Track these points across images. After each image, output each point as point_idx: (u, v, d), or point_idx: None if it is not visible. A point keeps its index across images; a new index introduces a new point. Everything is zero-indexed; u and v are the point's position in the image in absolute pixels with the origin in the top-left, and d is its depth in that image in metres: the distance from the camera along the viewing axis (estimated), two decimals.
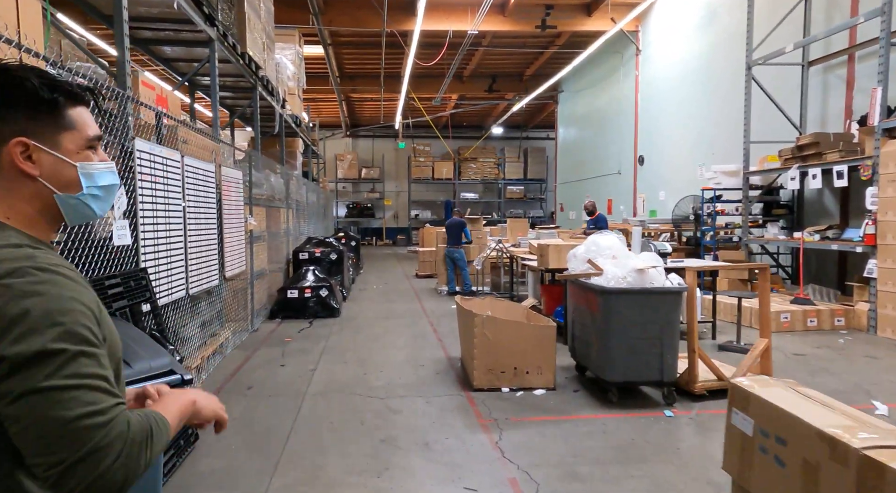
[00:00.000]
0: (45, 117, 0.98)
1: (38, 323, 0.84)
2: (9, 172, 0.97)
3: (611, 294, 4.34)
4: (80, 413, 0.82)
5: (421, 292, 10.76)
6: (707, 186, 9.37)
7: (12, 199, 0.98)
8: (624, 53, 14.84)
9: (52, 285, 0.88)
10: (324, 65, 16.30)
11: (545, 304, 6.93)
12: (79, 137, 1.02)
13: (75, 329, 0.87)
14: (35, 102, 0.96)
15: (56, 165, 0.99)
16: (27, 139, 0.96)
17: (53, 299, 0.87)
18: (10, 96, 0.95)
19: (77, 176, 1.01)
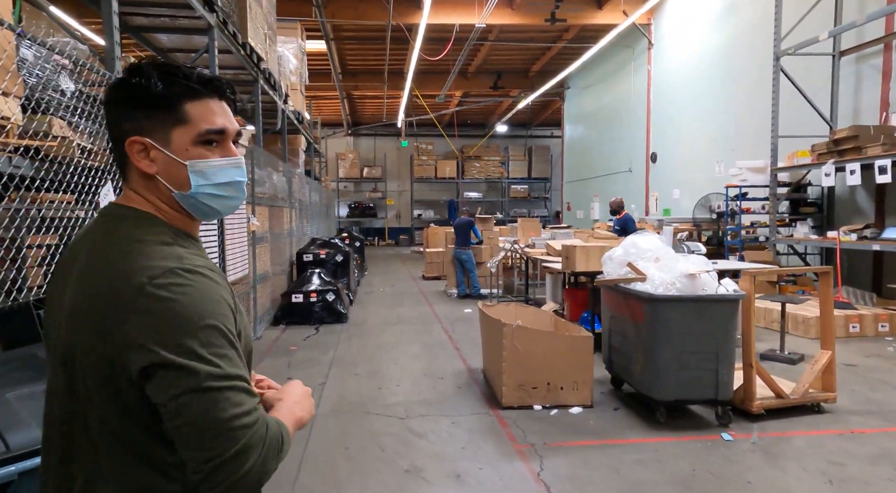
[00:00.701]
0: (161, 113, 0.95)
1: (191, 327, 0.86)
2: (136, 169, 0.97)
3: (660, 302, 3.86)
4: (232, 414, 0.85)
5: (430, 295, 10.27)
6: (732, 184, 8.89)
7: (151, 195, 0.98)
8: (635, 48, 14.35)
9: (197, 287, 0.90)
10: (326, 61, 15.79)
11: (569, 309, 6.45)
12: (191, 132, 0.96)
13: (223, 333, 0.89)
14: (150, 97, 0.93)
15: (167, 162, 0.96)
16: (142, 138, 0.95)
17: (205, 301, 0.89)
18: (128, 93, 0.94)
19: (187, 174, 0.97)
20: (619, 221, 8.43)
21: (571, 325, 5.04)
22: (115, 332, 0.87)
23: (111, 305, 0.88)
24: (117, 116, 0.97)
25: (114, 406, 0.90)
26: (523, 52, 16.67)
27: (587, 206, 17.45)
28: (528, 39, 15.29)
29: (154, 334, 0.85)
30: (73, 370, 0.92)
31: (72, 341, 0.91)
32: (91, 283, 0.91)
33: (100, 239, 0.96)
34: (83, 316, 0.90)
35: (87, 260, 0.94)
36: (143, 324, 0.86)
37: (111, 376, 0.88)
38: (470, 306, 8.93)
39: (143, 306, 0.86)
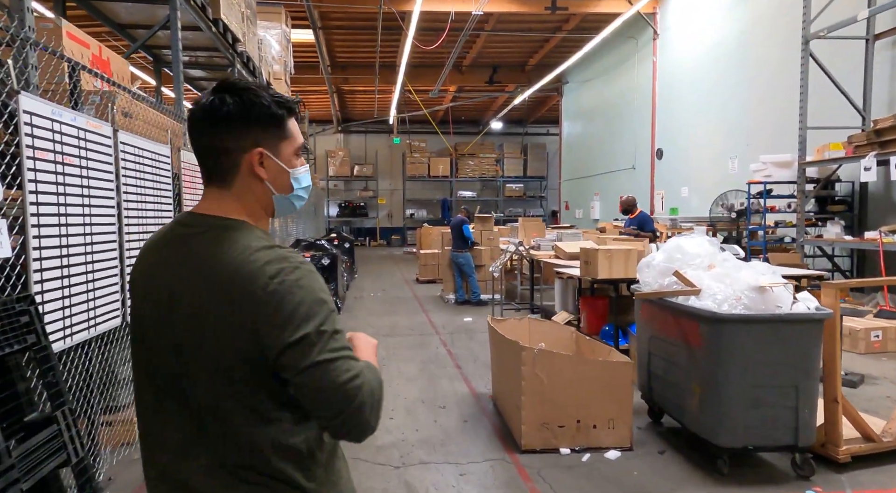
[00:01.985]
0: (273, 129, 1.10)
1: (308, 312, 1.00)
2: (247, 175, 1.10)
3: (726, 324, 3.01)
4: (345, 378, 1.00)
5: (425, 301, 9.40)
6: (754, 180, 8.09)
7: (248, 198, 1.12)
8: (639, 38, 13.54)
9: (307, 279, 1.04)
10: (314, 53, 14.86)
11: (587, 321, 5.61)
12: (293, 146, 1.14)
13: (329, 314, 1.04)
14: (269, 116, 1.08)
15: (277, 170, 1.12)
16: (262, 149, 1.09)
17: (313, 290, 1.03)
18: (252, 113, 1.07)
19: (289, 180, 1.14)
20: (633, 220, 7.58)
21: (597, 344, 4.20)
22: (250, 324, 1.00)
23: (243, 301, 1.00)
24: (234, 129, 1.07)
25: (245, 386, 1.03)
26: (521, 43, 15.82)
27: (587, 205, 16.65)
28: (526, 29, 14.45)
29: (282, 322, 0.99)
30: (200, 359, 1.04)
31: (200, 336, 1.03)
32: (218, 290, 1.02)
33: (207, 249, 1.06)
34: (216, 314, 1.01)
35: (197, 269, 1.04)
36: (273, 314, 0.99)
37: (247, 360, 1.01)
38: (470, 314, 8.07)
39: (271, 299, 0.99)
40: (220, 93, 1.06)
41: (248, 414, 1.04)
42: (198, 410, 1.05)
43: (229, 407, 1.03)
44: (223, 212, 1.09)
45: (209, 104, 1.06)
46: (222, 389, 1.03)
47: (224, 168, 1.09)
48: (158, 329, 1.08)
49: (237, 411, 1.03)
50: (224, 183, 1.10)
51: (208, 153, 1.09)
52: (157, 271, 1.10)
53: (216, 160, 1.09)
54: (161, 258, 1.10)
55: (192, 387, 1.05)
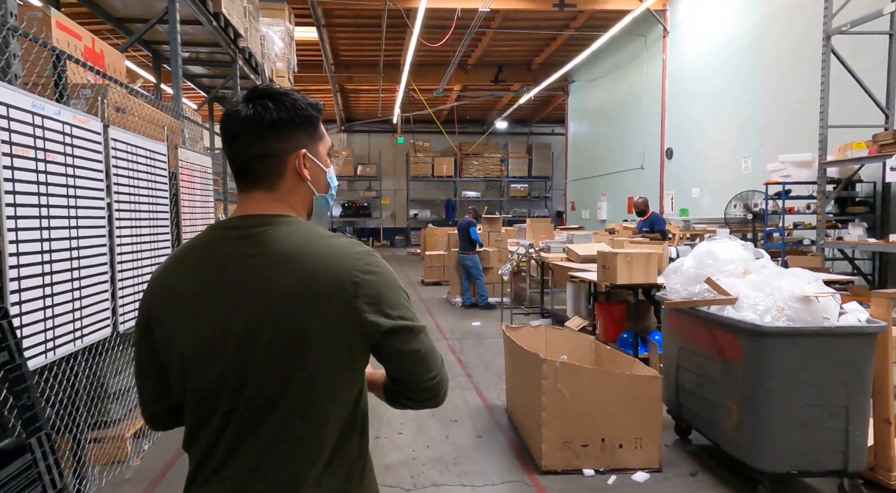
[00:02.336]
0: (312, 131, 1.13)
1: (396, 284, 1.07)
2: (292, 177, 1.11)
3: (770, 337, 2.75)
4: (434, 355, 1.09)
5: (431, 304, 9.14)
6: (772, 180, 7.81)
7: (292, 199, 1.13)
8: (648, 36, 13.26)
9: (383, 261, 1.09)
10: (317, 51, 14.63)
11: (603, 327, 5.34)
12: (327, 146, 1.18)
13: (406, 294, 1.10)
14: (307, 120, 1.11)
15: (316, 170, 1.15)
16: (306, 151, 1.12)
17: (391, 271, 1.09)
18: (295, 116, 1.09)
19: (326, 179, 1.18)
20: (646, 222, 7.30)
21: (618, 354, 3.94)
22: (352, 308, 1.00)
23: (340, 288, 1.00)
24: (280, 133, 1.08)
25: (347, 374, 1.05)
26: (527, 41, 15.56)
27: (593, 205, 16.36)
28: (532, 27, 14.18)
29: (384, 294, 1.03)
30: (307, 352, 1.00)
31: (300, 327, 0.99)
32: (305, 282, 1.00)
33: (289, 240, 1.05)
34: (312, 304, 1.00)
35: (270, 269, 1.02)
36: (373, 296, 1.02)
37: (350, 347, 1.02)
38: (478, 318, 7.81)
39: (367, 282, 1.02)
40: (259, 100, 1.08)
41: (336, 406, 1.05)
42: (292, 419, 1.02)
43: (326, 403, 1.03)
44: (278, 212, 1.09)
45: (254, 112, 1.07)
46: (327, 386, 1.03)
47: (271, 172, 1.10)
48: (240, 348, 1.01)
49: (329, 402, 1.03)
50: (270, 186, 1.11)
51: (255, 159, 1.09)
52: (216, 287, 1.04)
53: (263, 165, 1.09)
54: (215, 269, 1.05)
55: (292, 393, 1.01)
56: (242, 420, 1.01)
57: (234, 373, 1.00)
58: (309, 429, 1.01)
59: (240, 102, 1.08)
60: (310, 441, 1.02)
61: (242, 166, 1.09)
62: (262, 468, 1.01)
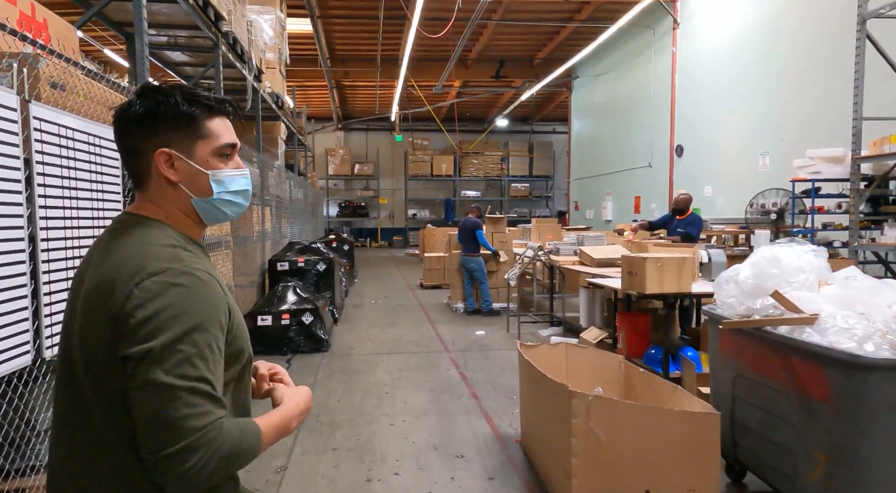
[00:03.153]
0: (184, 129, 1.04)
1: (166, 323, 0.92)
2: (158, 178, 1.05)
3: (874, 372, 2.11)
4: (182, 414, 0.88)
5: (431, 310, 8.50)
6: (799, 177, 7.18)
7: (163, 201, 1.06)
8: (657, 29, 12.64)
9: (190, 289, 0.96)
10: (312, 45, 13.99)
11: (626, 341, 4.70)
12: (211, 146, 1.08)
13: (197, 333, 0.93)
14: (176, 115, 1.03)
15: (191, 172, 1.05)
16: (169, 150, 1.04)
17: (185, 302, 0.94)
18: (157, 111, 1.03)
19: (208, 182, 1.07)
20: (684, 222, 6.61)
21: (653, 378, 3.30)
22: (112, 319, 0.94)
23: (113, 295, 0.95)
24: (142, 130, 1.03)
25: (109, 395, 0.96)
26: (530, 35, 14.92)
27: (598, 205, 15.73)
28: (536, 19, 13.54)
29: (138, 326, 0.92)
30: (78, 359, 0.99)
31: (83, 331, 0.98)
32: (101, 278, 0.98)
33: (112, 242, 1.03)
34: (92, 307, 0.97)
35: (100, 259, 1.02)
36: (134, 315, 0.93)
37: (109, 363, 0.95)
38: (482, 327, 7.17)
39: (138, 299, 0.93)
40: (138, 95, 1.04)
41: (111, 428, 0.98)
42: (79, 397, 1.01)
43: (97, 419, 0.99)
44: (144, 212, 1.07)
45: (121, 106, 1.04)
46: (97, 396, 0.99)
47: (137, 170, 1.07)
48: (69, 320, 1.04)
49: (104, 422, 0.98)
50: (140, 185, 1.08)
51: (123, 156, 1.07)
52: (78, 272, 1.08)
53: (130, 162, 1.07)
54: (87, 256, 1.08)
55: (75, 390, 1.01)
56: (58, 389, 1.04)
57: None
58: (87, 436, 0.98)
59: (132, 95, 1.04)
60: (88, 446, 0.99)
61: (122, 163, 1.08)
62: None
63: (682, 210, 6.60)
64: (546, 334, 6.61)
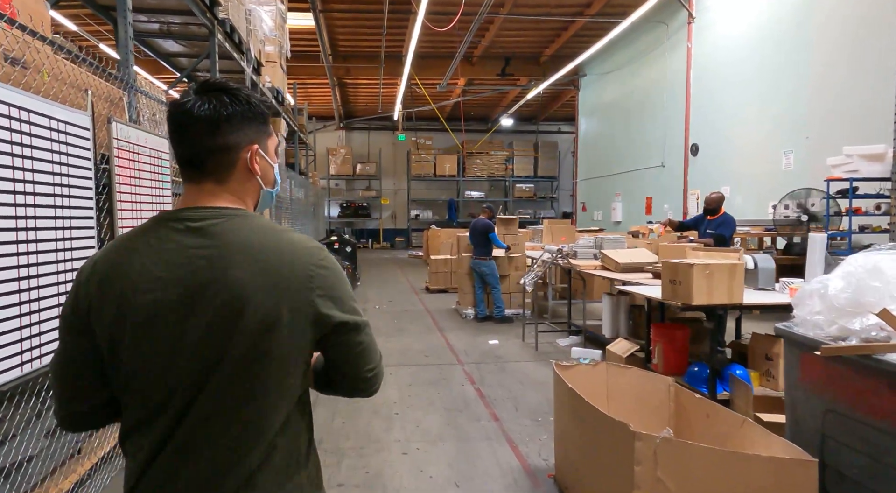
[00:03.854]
0: (263, 128, 1.12)
1: (345, 280, 1.09)
2: (243, 171, 1.10)
3: None
4: (375, 350, 1.12)
5: (439, 316, 8.01)
6: (834, 176, 6.70)
7: (241, 193, 1.11)
8: (670, 23, 12.15)
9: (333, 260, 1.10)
10: (314, 40, 13.50)
11: (663, 356, 4.21)
12: (275, 143, 1.17)
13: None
14: (260, 116, 1.10)
15: (265, 166, 1.13)
16: (257, 146, 1.10)
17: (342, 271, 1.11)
18: (248, 112, 1.08)
19: (274, 175, 1.16)
20: (715, 222, 6.13)
21: (712, 406, 2.80)
22: (308, 301, 1.01)
23: (297, 281, 1.01)
24: (237, 126, 1.07)
25: (302, 359, 1.05)
26: (537, 32, 14.45)
27: (607, 206, 15.24)
28: (545, 14, 13.06)
29: (336, 288, 1.05)
30: (274, 337, 0.99)
31: (269, 314, 0.98)
32: (268, 268, 0.99)
33: (243, 232, 1.02)
34: (271, 296, 0.98)
35: (249, 249, 1.00)
36: (328, 282, 1.04)
37: (303, 338, 1.02)
38: (494, 335, 6.68)
39: (321, 276, 1.04)
40: (213, 93, 1.06)
41: (283, 399, 1.04)
42: (233, 416, 0.99)
43: (287, 386, 1.03)
44: (227, 204, 1.07)
45: (210, 105, 1.05)
46: (267, 379, 1.00)
47: (224, 165, 1.09)
48: (170, 337, 0.98)
49: (292, 388, 1.05)
50: (221, 179, 1.09)
51: (209, 152, 1.07)
52: (152, 272, 0.99)
53: (216, 158, 1.08)
54: (154, 257, 1.00)
55: (220, 390, 0.98)
56: (197, 419, 0.97)
57: (193, 371, 0.97)
58: (258, 418, 1.00)
59: (189, 93, 1.06)
60: (258, 433, 1.00)
61: (194, 158, 1.06)
62: (218, 465, 0.99)
63: (714, 210, 6.10)
64: (565, 344, 6.12)
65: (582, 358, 5.53)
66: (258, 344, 0.96)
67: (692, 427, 2.87)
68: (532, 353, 5.83)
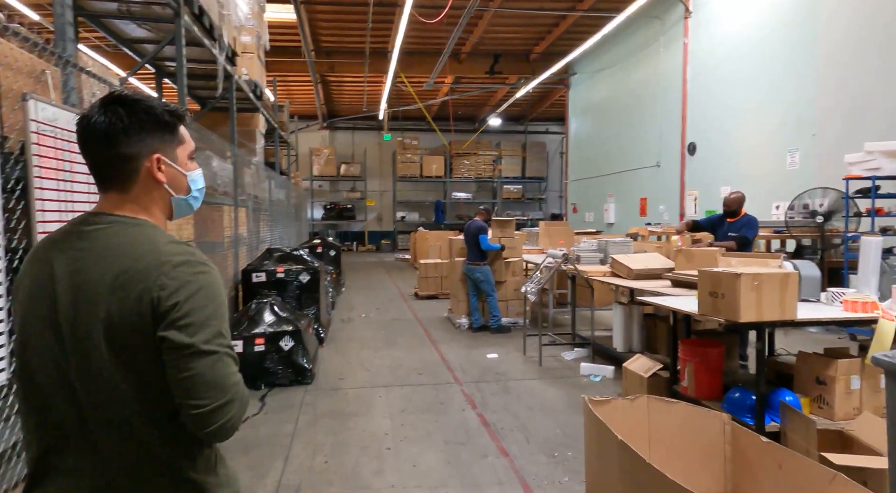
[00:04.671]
0: (168, 136, 1.14)
1: (207, 300, 1.04)
2: (146, 181, 1.12)
3: None
4: (227, 372, 1.03)
5: (430, 325, 7.39)
6: (853, 174, 6.23)
7: (147, 201, 1.13)
8: (665, 19, 11.69)
9: (210, 275, 1.07)
10: (295, 35, 12.84)
11: (694, 378, 3.65)
12: (187, 150, 1.19)
13: (224, 310, 1.07)
14: (162, 125, 1.13)
15: (174, 174, 1.15)
16: (160, 155, 1.13)
17: (213, 285, 1.07)
18: (147, 122, 1.10)
19: (187, 182, 1.18)
20: (737, 223, 5.60)
21: (783, 451, 2.22)
22: (149, 302, 1.00)
23: (147, 275, 1.01)
24: (135, 137, 1.09)
25: (150, 365, 1.02)
26: (527, 28, 13.92)
27: (599, 207, 14.75)
28: (536, 8, 12.52)
29: (180, 305, 1.00)
30: (114, 342, 1.02)
31: (110, 316, 1.01)
32: (119, 273, 1.02)
33: (117, 237, 1.06)
34: (124, 294, 1.01)
35: (112, 251, 1.05)
36: (170, 296, 1.01)
37: (142, 342, 1.01)
38: (492, 347, 6.08)
39: (176, 279, 1.02)
40: (111, 106, 1.08)
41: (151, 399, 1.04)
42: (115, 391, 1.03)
43: (138, 391, 1.03)
44: (126, 212, 1.11)
45: (106, 119, 1.07)
46: (120, 370, 1.02)
47: (124, 174, 1.10)
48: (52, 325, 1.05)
49: (147, 394, 1.04)
50: (123, 188, 1.11)
51: (107, 163, 1.10)
52: (48, 267, 1.07)
53: (116, 168, 1.10)
54: (54, 254, 1.08)
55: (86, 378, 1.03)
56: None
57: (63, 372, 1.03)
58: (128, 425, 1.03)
59: (95, 106, 1.08)
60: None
61: (97, 168, 1.10)
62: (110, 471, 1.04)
63: (735, 211, 5.58)
64: (571, 358, 5.55)
65: (592, 375, 4.96)
66: (104, 346, 1.01)
67: (758, 480, 2.30)
68: (536, 369, 5.25)
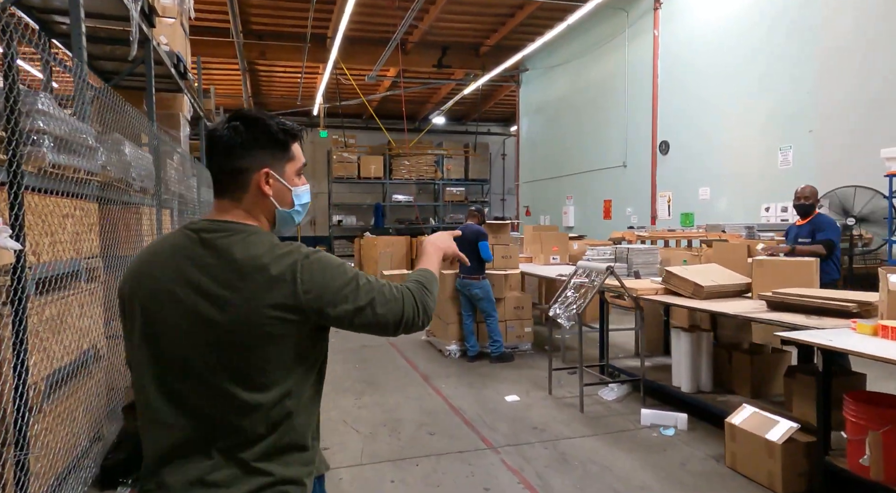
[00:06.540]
0: (278, 153, 1.22)
1: (344, 269, 1.18)
2: (255, 192, 1.21)
3: None
4: (386, 300, 1.17)
5: (412, 353, 5.93)
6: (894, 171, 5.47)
7: (255, 211, 1.22)
8: (630, 10, 10.88)
9: (327, 256, 1.20)
10: (223, 13, 10.91)
11: (882, 454, 2.49)
12: (295, 167, 1.26)
13: (343, 266, 1.20)
14: (274, 142, 1.21)
15: (281, 188, 1.23)
16: (270, 170, 1.21)
17: (323, 258, 1.18)
18: (261, 139, 1.20)
19: (291, 197, 1.26)
20: (808, 225, 4.47)
21: None
22: (305, 291, 1.12)
23: (293, 276, 1.12)
24: (248, 152, 1.19)
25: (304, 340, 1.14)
26: (480, 17, 12.71)
27: (556, 210, 13.80)
28: None
29: (325, 292, 1.14)
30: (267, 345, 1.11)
31: (260, 311, 1.09)
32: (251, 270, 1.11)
33: (243, 245, 1.15)
34: (270, 289, 1.10)
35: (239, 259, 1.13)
36: (316, 281, 1.13)
37: (298, 320, 1.11)
38: (504, 383, 4.71)
39: (310, 271, 1.14)
40: (234, 121, 1.19)
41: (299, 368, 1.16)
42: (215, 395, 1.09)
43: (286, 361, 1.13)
44: (238, 219, 1.19)
45: (227, 134, 1.18)
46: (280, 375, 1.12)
47: (236, 185, 1.20)
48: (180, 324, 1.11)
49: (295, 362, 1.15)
50: (235, 196, 1.21)
51: (224, 173, 1.20)
52: (176, 274, 1.13)
53: (231, 179, 1.20)
54: (181, 261, 1.14)
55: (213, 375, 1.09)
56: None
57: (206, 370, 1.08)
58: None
59: (223, 121, 1.19)
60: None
61: (215, 177, 1.20)
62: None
63: (808, 211, 4.54)
64: (611, 398, 4.31)
65: (662, 428, 3.74)
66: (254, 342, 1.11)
67: None
68: (580, 418, 3.97)
